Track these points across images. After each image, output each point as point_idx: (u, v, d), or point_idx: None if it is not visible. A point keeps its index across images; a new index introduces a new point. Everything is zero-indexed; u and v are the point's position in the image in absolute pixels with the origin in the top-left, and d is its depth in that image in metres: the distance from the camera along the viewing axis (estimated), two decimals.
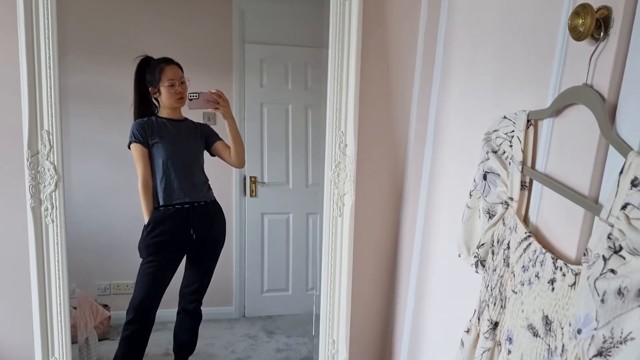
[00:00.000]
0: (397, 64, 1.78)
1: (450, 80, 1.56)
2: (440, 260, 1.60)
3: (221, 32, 2.22)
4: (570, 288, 0.78)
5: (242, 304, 2.49)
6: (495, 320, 1.01)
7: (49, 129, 1.51)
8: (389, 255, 1.96)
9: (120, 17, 2.07)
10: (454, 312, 1.45)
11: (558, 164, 0.91)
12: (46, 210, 1.55)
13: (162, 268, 2.00)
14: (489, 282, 1.04)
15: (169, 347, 2.19)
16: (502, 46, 1.21)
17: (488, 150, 1.06)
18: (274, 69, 2.30)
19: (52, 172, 1.54)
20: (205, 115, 2.16)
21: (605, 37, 0.78)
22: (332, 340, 1.79)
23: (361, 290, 1.93)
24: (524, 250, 0.92)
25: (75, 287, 1.82)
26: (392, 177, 1.88)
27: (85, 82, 2.03)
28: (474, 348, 1.08)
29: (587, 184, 0.82)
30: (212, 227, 2.15)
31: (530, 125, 0.99)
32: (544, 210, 0.95)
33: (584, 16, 0.78)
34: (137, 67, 1.97)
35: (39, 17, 1.45)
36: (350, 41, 1.63)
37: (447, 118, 1.58)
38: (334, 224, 1.74)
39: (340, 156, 1.70)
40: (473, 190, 1.14)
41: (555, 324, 0.81)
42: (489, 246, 1.06)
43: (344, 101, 1.67)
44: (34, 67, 1.47)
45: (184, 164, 2.03)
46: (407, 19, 1.75)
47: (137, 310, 1.95)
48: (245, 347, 2.36)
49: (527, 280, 0.90)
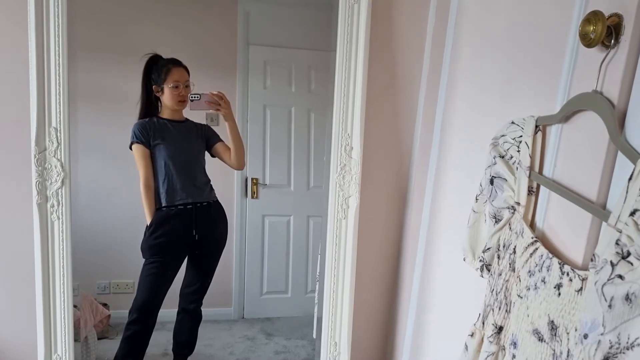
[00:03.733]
0: (404, 68, 1.79)
1: (457, 85, 1.57)
2: (444, 263, 1.60)
3: (226, 33, 2.22)
4: (576, 293, 0.78)
5: (242, 305, 2.49)
6: (500, 324, 1.01)
7: (56, 126, 1.51)
8: (393, 258, 1.96)
9: (126, 17, 2.08)
10: (458, 316, 1.45)
11: (566, 170, 0.92)
12: (52, 207, 1.55)
13: (165, 268, 2.00)
14: (494, 287, 1.05)
15: (167, 347, 2.19)
16: (510, 51, 1.21)
17: (495, 155, 1.07)
18: (278, 71, 2.31)
19: (59, 169, 1.54)
20: (208, 116, 2.16)
21: (616, 45, 0.79)
22: (334, 342, 1.79)
23: (364, 292, 1.93)
24: (530, 255, 0.93)
25: (79, 286, 1.82)
26: (397, 180, 1.89)
27: (91, 80, 2.03)
28: (478, 352, 1.08)
29: (595, 190, 0.83)
30: (215, 227, 2.15)
31: (538, 131, 0.99)
32: (551, 216, 0.95)
33: (595, 23, 0.78)
34: (146, 65, 1.98)
35: (49, 15, 1.46)
36: (358, 45, 1.63)
37: (453, 122, 1.58)
38: (338, 226, 1.74)
39: (346, 159, 1.70)
40: (479, 195, 1.15)
41: (561, 329, 0.81)
42: (495, 250, 1.07)
43: (351, 104, 1.67)
44: (44, 64, 1.47)
45: (185, 165, 2.03)
46: (414, 24, 1.75)
47: (140, 310, 1.95)
48: (243, 348, 2.36)
49: (533, 285, 0.90)
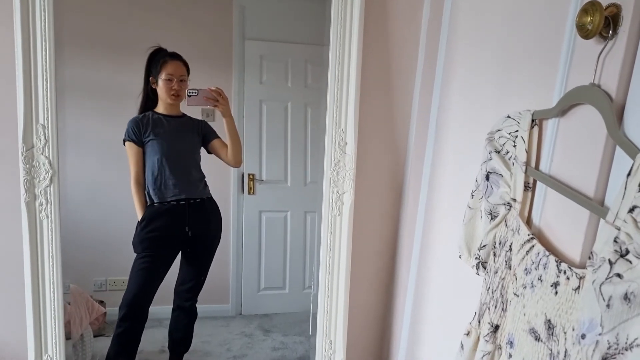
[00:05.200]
0: (399, 62, 1.77)
1: (453, 78, 1.55)
2: (440, 260, 1.59)
3: (221, 28, 2.21)
4: (574, 292, 0.77)
5: (239, 301, 2.48)
6: (496, 323, 1.00)
7: (44, 122, 1.49)
8: (388, 255, 1.95)
9: (118, 11, 2.05)
10: (454, 314, 1.44)
11: (563, 165, 0.90)
12: (41, 205, 1.53)
13: (156, 264, 1.99)
14: (490, 285, 1.03)
15: (164, 344, 2.18)
16: (505, 44, 1.19)
17: (491, 150, 1.05)
18: (274, 66, 2.30)
19: (47, 167, 1.52)
20: (204, 111, 2.14)
21: (614, 36, 0.77)
22: (330, 341, 1.78)
23: (359, 290, 1.92)
24: (526, 252, 0.91)
25: (70, 282, 1.80)
26: (392, 176, 1.87)
27: (81, 76, 2.02)
28: (473, 351, 1.06)
29: (592, 186, 0.81)
30: (208, 224, 2.14)
31: (534, 125, 0.97)
32: (548, 212, 0.93)
33: (593, 14, 0.76)
34: (148, 57, 1.97)
35: (35, 9, 1.43)
36: (352, 38, 1.61)
37: (449, 117, 1.56)
38: (332, 222, 1.72)
39: (340, 154, 1.68)
40: (475, 191, 1.13)
41: (558, 329, 0.79)
42: (491, 248, 1.05)
43: (345, 99, 1.65)
44: (30, 60, 1.45)
45: (179, 161, 2.01)
46: (409, 16, 1.74)
47: (130, 306, 1.93)
48: (241, 345, 2.35)
49: (529, 283, 0.88)
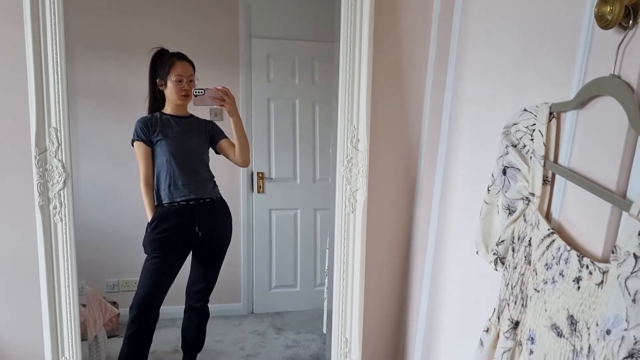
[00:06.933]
0: (410, 56, 1.75)
1: (466, 72, 1.53)
2: (455, 256, 1.57)
3: (228, 26, 2.21)
4: (597, 287, 0.75)
5: (251, 300, 2.49)
6: (516, 319, 0.99)
7: (56, 126, 1.49)
8: (402, 252, 1.93)
9: (127, 13, 2.06)
10: (471, 311, 1.43)
11: (583, 158, 0.88)
12: (55, 209, 1.53)
13: (166, 264, 1.99)
14: (509, 280, 1.02)
15: (177, 344, 2.19)
16: (521, 36, 1.17)
17: (507, 144, 1.03)
18: (281, 63, 2.29)
19: (60, 170, 1.52)
20: (212, 111, 2.14)
21: (635, 25, 0.75)
22: (345, 339, 1.77)
23: (374, 287, 1.91)
24: (546, 247, 0.90)
25: (85, 284, 1.81)
26: (405, 172, 1.85)
27: (92, 78, 2.02)
28: (493, 348, 1.05)
29: (614, 179, 0.79)
30: (218, 224, 2.13)
31: (552, 118, 0.95)
32: (568, 206, 0.92)
33: (612, 3, 0.75)
34: (152, 59, 1.97)
35: (45, 12, 1.43)
36: (362, 34, 1.59)
37: (462, 111, 1.55)
38: (346, 220, 1.71)
39: (353, 151, 1.67)
40: (491, 186, 1.11)
41: (581, 324, 0.78)
42: (509, 243, 1.03)
43: (356, 95, 1.64)
44: (41, 63, 1.45)
45: (188, 161, 2.01)
46: (420, 11, 1.72)
47: (140, 307, 1.93)
48: (254, 343, 2.36)
49: (550, 278, 0.87)
